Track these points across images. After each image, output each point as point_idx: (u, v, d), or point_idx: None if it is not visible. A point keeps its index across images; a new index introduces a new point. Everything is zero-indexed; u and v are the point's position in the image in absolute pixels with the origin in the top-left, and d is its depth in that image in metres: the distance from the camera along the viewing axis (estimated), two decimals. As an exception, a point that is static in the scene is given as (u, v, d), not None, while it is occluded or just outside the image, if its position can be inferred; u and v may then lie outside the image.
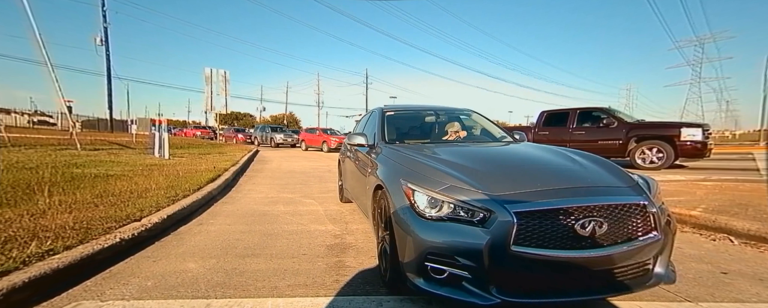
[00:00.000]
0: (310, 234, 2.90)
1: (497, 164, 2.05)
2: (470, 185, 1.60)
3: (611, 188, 1.66)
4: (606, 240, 1.45)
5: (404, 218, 1.64)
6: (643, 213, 1.53)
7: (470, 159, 2.04)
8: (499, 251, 1.38)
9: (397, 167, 2.10)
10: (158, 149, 8.99)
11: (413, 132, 3.30)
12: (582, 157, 2.11)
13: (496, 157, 2.32)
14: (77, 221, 2.51)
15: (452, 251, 1.44)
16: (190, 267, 2.15)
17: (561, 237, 1.41)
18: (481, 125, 3.45)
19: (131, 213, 2.85)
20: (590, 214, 1.45)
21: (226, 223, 3.23)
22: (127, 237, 2.39)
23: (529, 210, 1.43)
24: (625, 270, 1.49)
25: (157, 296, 1.75)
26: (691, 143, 6.94)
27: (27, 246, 1.95)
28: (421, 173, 1.83)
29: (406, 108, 3.69)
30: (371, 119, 3.46)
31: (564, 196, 1.51)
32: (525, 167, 2.00)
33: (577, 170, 1.88)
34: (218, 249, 2.50)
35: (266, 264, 2.20)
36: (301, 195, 4.79)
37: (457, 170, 1.80)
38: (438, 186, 1.64)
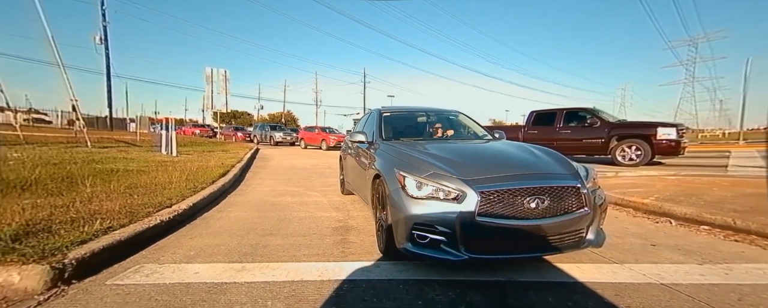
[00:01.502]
0: (316, 219, 3.37)
1: (472, 157, 2.50)
2: (448, 172, 2.06)
3: (555, 174, 2.14)
4: (548, 212, 1.92)
5: (397, 198, 2.08)
6: (576, 194, 2.01)
7: (451, 153, 2.49)
8: (467, 221, 1.84)
9: (392, 159, 2.51)
10: (165, 146, 9.41)
11: (407, 130, 3.67)
12: (539, 151, 2.59)
13: (473, 151, 2.79)
14: (121, 206, 2.96)
15: (433, 222, 1.90)
16: (222, 242, 2.62)
17: (513, 210, 1.88)
18: (466, 124, 3.90)
19: (162, 201, 3.31)
20: (536, 193, 1.92)
21: (243, 211, 3.70)
22: (165, 219, 2.85)
23: (490, 190, 1.90)
24: (562, 235, 1.95)
25: (201, 261, 2.22)
26: (667, 142, 7.47)
27: (92, 224, 2.40)
28: (411, 164, 2.27)
29: (400, 109, 4.10)
30: (370, 119, 3.88)
31: (517, 180, 1.99)
32: (492, 159, 2.47)
33: (532, 161, 2.35)
34: (241, 229, 2.97)
35: (283, 241, 2.67)
36: (305, 189, 5.26)
37: (440, 161, 2.23)
38: (423, 173, 2.09)
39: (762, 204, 3.26)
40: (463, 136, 3.70)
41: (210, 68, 19.55)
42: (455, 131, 3.72)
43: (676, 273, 2.04)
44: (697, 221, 2.99)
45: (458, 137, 3.64)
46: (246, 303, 1.67)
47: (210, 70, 19.59)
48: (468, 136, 3.70)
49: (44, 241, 2.04)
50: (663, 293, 1.80)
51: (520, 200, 1.88)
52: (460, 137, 3.64)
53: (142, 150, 9.81)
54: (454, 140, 3.46)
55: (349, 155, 4.04)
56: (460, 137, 3.64)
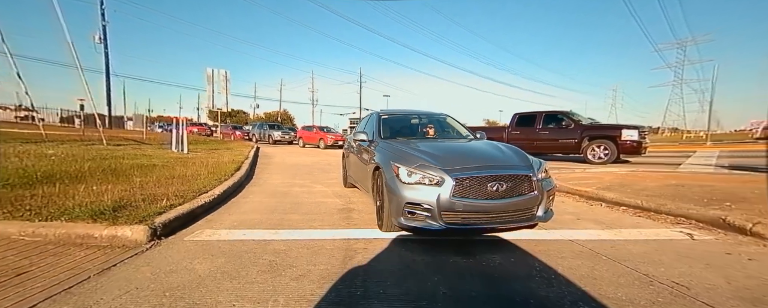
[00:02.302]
0: (324, 203, 4.19)
1: (452, 153, 3.11)
2: (432, 164, 2.68)
3: (513, 165, 2.80)
4: (506, 194, 2.56)
5: (392, 184, 2.69)
6: (528, 181, 2.68)
7: (437, 149, 3.12)
8: (445, 200, 2.47)
9: (390, 154, 3.13)
10: (176, 144, 10.15)
11: (402, 131, 4.29)
12: (506, 148, 3.28)
13: (454, 148, 3.40)
14: (171, 192, 3.76)
15: (420, 201, 2.52)
16: (254, 217, 3.43)
17: (479, 192, 2.52)
18: (452, 126, 4.62)
19: (200, 188, 4.10)
20: (497, 180, 2.56)
21: (262, 197, 4.50)
22: (208, 200, 3.66)
23: (462, 177, 2.53)
24: (518, 212, 2.61)
25: (244, 228, 3.03)
26: (630, 142, 8.41)
27: (159, 202, 3.20)
28: (404, 158, 2.88)
29: (397, 112, 4.84)
30: (371, 121, 4.52)
31: (484, 169, 2.64)
32: (468, 154, 3.11)
33: (498, 156, 3.02)
34: (265, 210, 3.78)
35: (300, 217, 3.49)
36: (310, 181, 6.07)
37: (427, 156, 2.85)
38: (413, 165, 2.71)
39: (672, 192, 4.16)
40: (449, 136, 4.36)
41: (211, 69, 20.18)
42: (443, 131, 4.43)
43: (582, 234, 2.91)
44: (618, 204, 3.87)
45: (445, 136, 4.30)
46: (283, 250, 2.49)
47: (211, 71, 20.22)
48: (453, 136, 4.36)
49: (134, 212, 2.84)
50: (566, 244, 2.66)
51: (485, 184, 2.52)
52: (446, 137, 4.27)
53: (153, 148, 10.51)
54: (441, 139, 4.05)
55: (352, 153, 4.71)
56: (447, 137, 4.28)
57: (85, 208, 2.80)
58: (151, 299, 1.73)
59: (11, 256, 2.13)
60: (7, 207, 2.76)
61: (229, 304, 1.69)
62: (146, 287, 1.86)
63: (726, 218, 2.89)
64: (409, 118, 4.69)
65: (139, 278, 1.97)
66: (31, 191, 3.35)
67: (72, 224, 2.51)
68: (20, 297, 1.69)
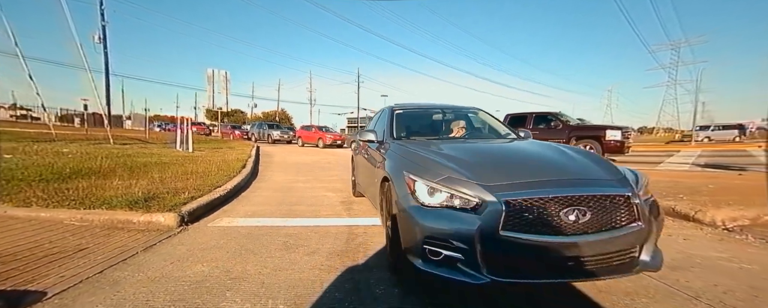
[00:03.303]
0: (327, 197, 4.61)
1: (494, 159, 2.22)
2: (466, 177, 1.76)
3: (597, 180, 1.81)
4: (590, 227, 1.58)
5: (406, 206, 1.81)
6: (626, 204, 1.66)
7: (470, 154, 2.20)
8: (490, 235, 1.54)
9: (402, 160, 2.27)
10: (181, 143, 10.53)
11: (421, 129, 3.37)
12: (575, 152, 2.29)
13: (495, 152, 2.51)
14: (189, 186, 4.17)
15: (448, 235, 1.60)
16: (265, 208, 3.85)
17: (547, 224, 1.55)
18: (487, 123, 3.57)
19: (213, 183, 4.52)
20: (575, 203, 1.58)
21: (269, 192, 4.92)
22: (222, 194, 4.07)
23: (517, 198, 1.59)
24: (609, 256, 1.62)
25: (258, 217, 3.45)
26: (614, 142, 8.89)
27: (182, 195, 3.62)
28: (422, 166, 2.00)
29: (414, 106, 3.78)
30: (381, 117, 3.63)
31: (551, 186, 1.66)
32: (519, 161, 2.18)
33: (568, 164, 2.02)
34: (274, 202, 4.20)
35: (307, 208, 3.91)
36: (312, 179, 6.49)
37: (456, 163, 1.94)
38: (437, 177, 1.81)
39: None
40: (482, 135, 3.42)
41: (211, 69, 20.49)
42: (474, 129, 3.45)
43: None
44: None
45: (477, 136, 3.34)
46: (295, 234, 2.91)
47: (211, 71, 20.54)
48: (488, 135, 3.41)
49: (162, 202, 3.25)
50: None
51: (556, 211, 1.57)
52: (479, 136, 3.34)
53: (158, 147, 10.88)
54: (472, 139, 3.09)
55: (360, 155, 3.88)
56: (480, 136, 3.35)
57: (120, 199, 3.21)
58: (192, 267, 2.15)
59: (69, 236, 2.54)
60: (53, 198, 3.16)
61: (256, 271, 2.11)
62: (186, 259, 2.28)
63: (675, 207, 3.34)
64: (429, 113, 3.73)
65: (178, 253, 2.39)
66: (66, 185, 3.75)
67: (113, 211, 2.92)
68: (88, 266, 2.10)
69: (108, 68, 29.63)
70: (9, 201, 3.01)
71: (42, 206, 2.95)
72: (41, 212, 2.82)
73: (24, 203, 2.98)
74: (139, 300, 1.71)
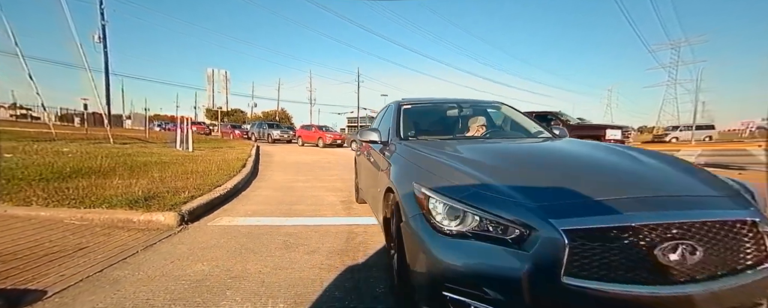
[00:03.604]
0: (327, 197, 4.61)
1: (536, 165, 1.64)
2: (501, 192, 1.25)
3: (702, 198, 1.26)
4: (700, 271, 1.05)
5: (417, 231, 1.31)
6: (753, 234, 1.11)
7: (501, 158, 1.70)
8: (546, 282, 1.03)
9: (411, 166, 1.77)
10: (181, 142, 10.52)
11: (433, 128, 2.89)
12: (650, 157, 1.68)
13: (535, 156, 1.92)
14: (189, 185, 4.17)
15: (479, 278, 1.10)
16: (265, 207, 3.85)
17: (635, 267, 1.03)
18: (511, 119, 2.97)
19: (213, 182, 4.51)
20: (676, 235, 1.06)
21: (269, 191, 4.92)
22: (222, 193, 4.07)
23: (586, 228, 1.06)
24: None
25: (258, 216, 3.45)
26: (614, 142, 8.90)
27: (182, 194, 3.61)
28: (439, 175, 1.49)
29: (425, 101, 3.23)
30: (387, 114, 3.16)
31: (633, 208, 1.12)
32: (574, 170, 1.56)
33: (646, 173, 1.48)
34: (274, 201, 4.20)
35: (306, 207, 3.91)
36: (311, 178, 6.49)
37: (485, 172, 1.43)
38: (460, 192, 1.29)
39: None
40: (508, 134, 2.81)
41: (211, 69, 20.49)
42: (496, 128, 2.86)
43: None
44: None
45: (502, 135, 2.75)
46: (295, 233, 2.91)
47: (211, 71, 20.53)
48: (516, 134, 2.79)
49: (162, 201, 3.25)
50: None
51: (649, 246, 1.05)
52: (504, 136, 2.73)
53: (158, 146, 10.87)
54: (497, 139, 2.52)
55: (363, 157, 3.41)
56: (505, 136, 2.74)
57: (120, 198, 3.21)
58: (192, 266, 2.15)
59: (69, 235, 2.54)
60: (53, 197, 3.16)
61: (256, 270, 2.11)
62: (186, 258, 2.28)
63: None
64: (443, 108, 3.18)
65: (179, 252, 2.39)
66: (66, 184, 3.75)
67: (113, 210, 2.92)
68: (88, 265, 2.10)
69: (108, 68, 29.61)
70: (9, 200, 3.01)
71: (42, 205, 2.95)
72: (41, 212, 2.82)
73: (24, 203, 2.98)
74: (139, 299, 1.71)
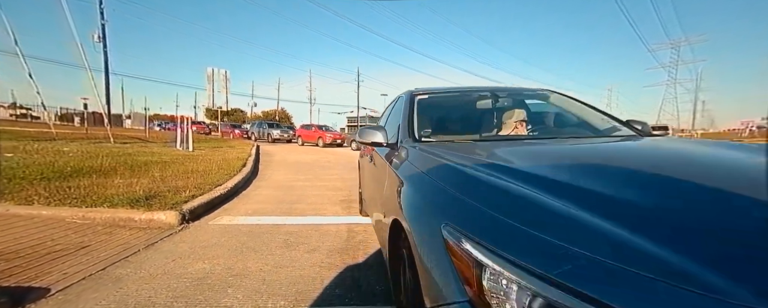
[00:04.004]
0: (327, 195, 4.63)
1: (671, 190, 0.81)
2: (661, 262, 0.52)
3: None
4: None
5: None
6: None
7: (595, 175, 0.90)
8: None
9: (435, 187, 1.04)
10: (181, 142, 10.54)
11: (458, 125, 2.18)
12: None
13: (648, 170, 0.99)
14: (190, 184, 4.18)
15: None
16: (265, 206, 3.87)
17: None
18: (566, 111, 2.18)
19: (213, 181, 4.53)
20: None
21: (270, 190, 4.94)
22: (223, 192, 4.09)
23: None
24: None
25: (258, 215, 3.47)
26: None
27: (181, 193, 3.63)
28: (492, 209, 0.76)
29: (446, 91, 2.46)
30: (395, 108, 2.45)
31: None
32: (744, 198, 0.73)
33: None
34: (274, 200, 4.22)
35: (306, 206, 3.93)
36: (311, 177, 6.51)
37: (595, 208, 0.69)
38: (559, 260, 0.57)
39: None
40: (566, 132, 1.99)
41: (211, 68, 20.49)
42: (546, 124, 2.12)
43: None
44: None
45: (556, 133, 1.98)
46: (295, 232, 2.93)
47: (211, 70, 20.53)
48: (578, 132, 1.96)
49: (163, 201, 3.26)
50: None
51: None
52: (563, 135, 1.91)
53: (158, 146, 10.89)
54: (555, 139, 1.77)
55: (366, 161, 2.76)
56: (565, 135, 1.91)
57: (122, 197, 3.23)
58: (194, 264, 2.17)
59: (71, 234, 2.56)
60: (55, 196, 3.18)
61: (257, 268, 2.13)
62: (188, 256, 2.30)
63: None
64: (471, 98, 2.34)
65: (180, 251, 2.40)
66: (67, 183, 3.76)
67: (114, 209, 2.94)
68: (90, 263, 2.12)
69: (107, 67, 29.63)
70: (11, 199, 3.03)
71: (44, 204, 2.97)
72: (43, 210, 2.84)
73: (26, 202, 3.00)
74: (141, 297, 1.73)
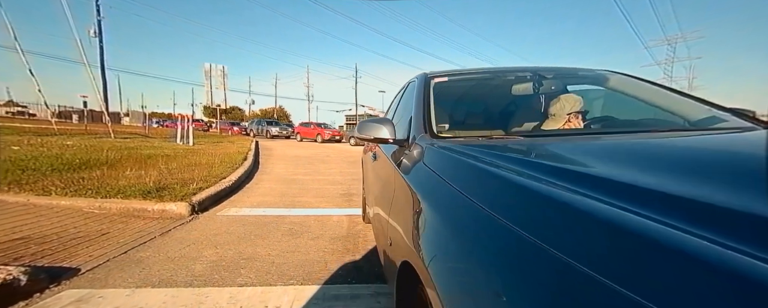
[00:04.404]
0: (327, 189, 4.82)
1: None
2: None
3: None
4: None
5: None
6: None
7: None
8: None
9: (476, 216, 0.60)
10: (181, 138, 10.68)
11: (489, 117, 1.85)
12: None
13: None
14: (195, 177, 4.35)
15: None
16: (269, 199, 4.05)
17: None
18: (636, 97, 1.61)
19: (218, 174, 4.70)
20: None
21: (272, 183, 5.12)
22: (228, 185, 4.27)
23: None
24: None
25: (263, 207, 3.65)
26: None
27: (189, 186, 3.81)
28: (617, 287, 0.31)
29: (470, 72, 1.89)
30: (406, 96, 1.94)
31: None
32: None
33: None
34: (278, 193, 4.40)
35: (310, 199, 4.12)
36: (311, 171, 6.69)
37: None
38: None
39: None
40: (643, 124, 1.43)
41: (208, 64, 20.55)
42: (608, 115, 1.65)
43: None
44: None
45: (629, 126, 1.43)
46: (299, 222, 3.12)
47: (208, 66, 20.60)
48: (661, 124, 1.42)
49: (173, 192, 3.44)
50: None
51: None
52: (639, 127, 1.37)
53: (159, 141, 11.02)
54: (631, 134, 1.21)
55: (369, 160, 2.32)
56: (640, 127, 1.37)
57: (133, 188, 3.40)
58: (208, 249, 2.35)
59: (90, 222, 2.73)
60: (70, 187, 3.34)
61: (266, 253, 2.32)
62: (200, 243, 2.48)
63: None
64: (505, 81, 1.80)
65: (192, 237, 2.59)
66: (79, 175, 3.93)
67: (128, 201, 3.11)
68: (112, 247, 2.30)
69: (103, 63, 29.55)
70: (29, 190, 3.19)
71: (61, 195, 3.13)
72: (61, 201, 3.00)
73: (43, 192, 3.16)
74: (163, 276, 1.91)
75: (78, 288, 1.74)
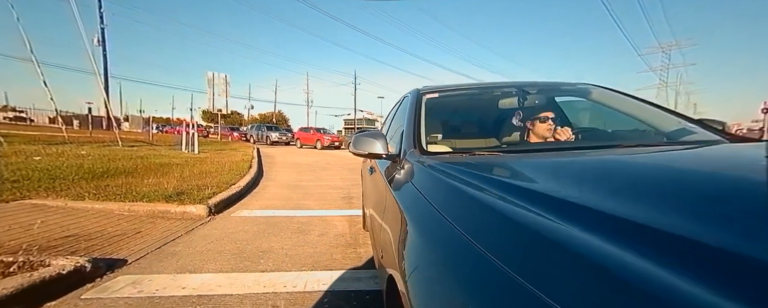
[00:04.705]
0: (329, 193, 5.21)
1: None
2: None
3: None
4: None
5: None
6: None
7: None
8: None
9: (455, 242, 0.61)
10: (186, 145, 11.05)
11: (476, 131, 2.01)
12: None
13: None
14: (208, 183, 4.74)
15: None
16: (276, 202, 4.44)
17: None
18: (615, 110, 1.71)
19: (228, 181, 5.09)
20: None
21: (278, 189, 5.51)
22: (238, 190, 4.66)
23: None
24: None
25: (272, 209, 4.04)
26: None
27: (205, 191, 4.19)
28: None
29: (460, 88, 2.03)
30: (400, 111, 2.07)
31: None
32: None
33: None
34: (283, 198, 4.79)
35: (313, 202, 4.51)
36: (313, 177, 7.08)
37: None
38: None
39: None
40: (622, 137, 1.61)
41: (211, 73, 21.01)
42: (590, 127, 1.83)
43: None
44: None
45: (609, 138, 1.61)
46: (305, 221, 3.50)
47: (211, 74, 21.05)
48: (639, 137, 1.53)
49: (191, 196, 3.82)
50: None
51: None
52: (620, 140, 1.43)
53: (164, 149, 11.39)
54: (612, 148, 1.25)
55: (367, 170, 2.45)
56: (621, 140, 1.44)
57: (156, 194, 3.78)
58: (229, 244, 2.74)
59: (124, 223, 3.11)
60: (101, 193, 3.73)
61: (280, 247, 2.71)
62: (222, 239, 2.87)
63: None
64: (492, 96, 1.95)
65: (214, 235, 2.97)
66: (104, 182, 4.31)
67: (153, 204, 3.50)
68: (147, 243, 2.68)
69: (107, 71, 30.01)
70: (65, 196, 3.57)
71: (93, 200, 3.51)
72: (95, 204, 3.39)
73: (78, 198, 3.54)
74: (197, 264, 2.30)
75: (130, 274, 2.12)
